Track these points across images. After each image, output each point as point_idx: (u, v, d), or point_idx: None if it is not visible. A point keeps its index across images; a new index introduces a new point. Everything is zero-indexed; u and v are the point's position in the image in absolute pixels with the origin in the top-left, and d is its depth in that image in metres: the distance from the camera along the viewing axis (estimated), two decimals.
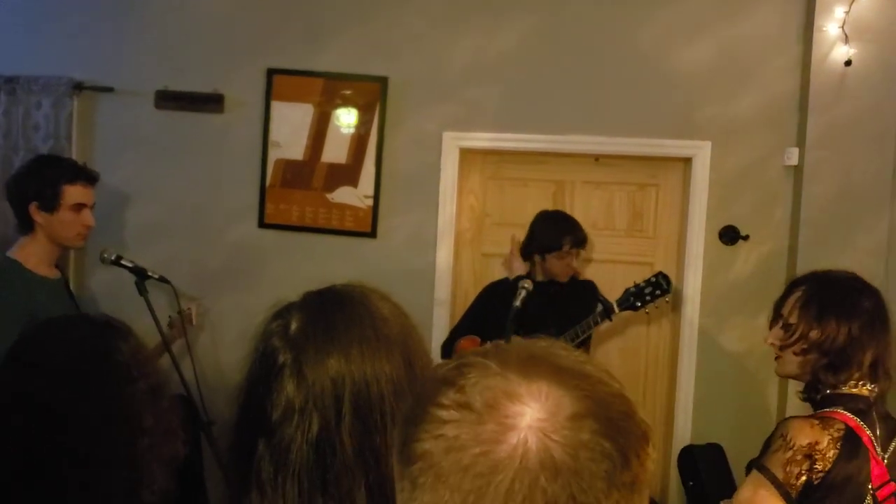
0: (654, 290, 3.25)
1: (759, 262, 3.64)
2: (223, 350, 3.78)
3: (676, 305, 3.75)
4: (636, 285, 3.27)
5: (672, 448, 3.67)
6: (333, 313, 1.12)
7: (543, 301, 3.22)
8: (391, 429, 1.03)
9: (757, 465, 1.85)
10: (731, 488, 3.08)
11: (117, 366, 1.31)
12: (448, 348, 3.44)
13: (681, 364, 3.69)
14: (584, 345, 3.25)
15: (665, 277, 3.28)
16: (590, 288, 3.52)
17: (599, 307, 3.23)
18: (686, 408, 3.69)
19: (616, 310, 3.23)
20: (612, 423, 0.70)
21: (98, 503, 1.25)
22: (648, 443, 0.72)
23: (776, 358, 2.05)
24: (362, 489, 1.03)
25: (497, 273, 3.80)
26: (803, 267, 3.42)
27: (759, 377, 3.64)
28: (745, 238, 3.63)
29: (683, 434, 3.67)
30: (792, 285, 2.08)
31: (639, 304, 3.25)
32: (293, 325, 1.11)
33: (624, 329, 3.84)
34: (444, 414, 0.70)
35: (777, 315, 2.05)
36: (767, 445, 1.87)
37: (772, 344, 2.05)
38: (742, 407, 3.64)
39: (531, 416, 0.68)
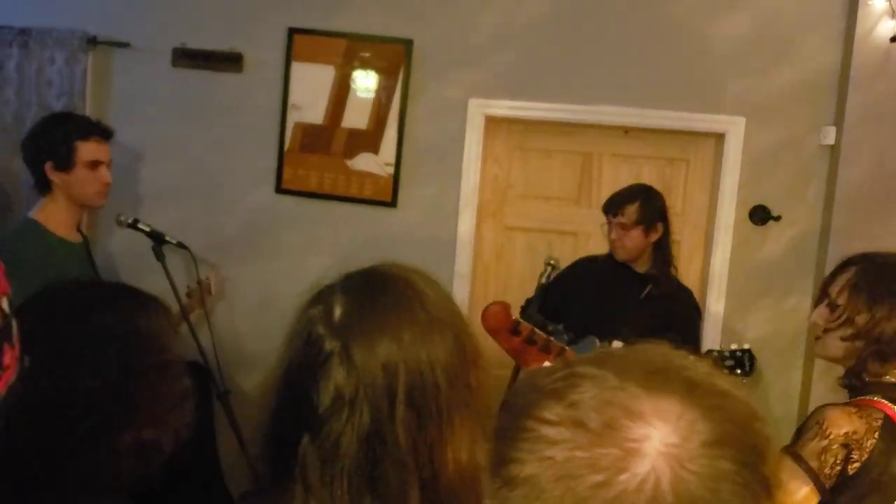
0: (735, 367, 2.90)
1: (790, 243, 3.54)
2: (239, 317, 3.71)
3: (702, 285, 3.67)
4: (719, 352, 2.95)
5: None
6: (380, 295, 1.03)
7: (624, 289, 2.94)
8: (447, 421, 0.96)
9: (791, 452, 1.78)
10: None
11: (145, 335, 1.23)
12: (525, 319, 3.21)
13: (704, 345, 3.61)
14: None
15: (751, 358, 2.92)
16: (685, 299, 3.10)
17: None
18: None
19: None
20: (755, 449, 0.60)
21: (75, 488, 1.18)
22: (774, 479, 0.62)
23: (817, 338, 1.96)
24: (416, 488, 0.95)
25: (521, 247, 3.72)
26: (835, 250, 3.35)
27: (784, 361, 3.57)
28: (777, 219, 3.53)
29: None
30: (843, 265, 1.97)
31: None
32: (337, 311, 1.02)
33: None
34: (550, 432, 0.60)
35: (824, 294, 1.96)
36: (800, 432, 1.80)
37: (815, 323, 1.96)
38: (765, 390, 3.57)
39: (660, 439, 0.58)
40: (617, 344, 2.80)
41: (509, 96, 3.62)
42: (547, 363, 2.49)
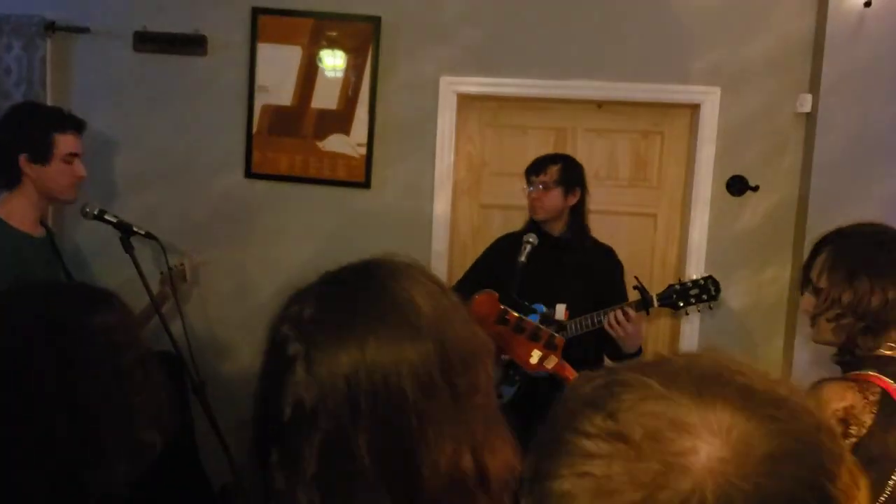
0: (701, 294, 3.01)
1: (768, 213, 3.52)
2: (212, 306, 3.64)
3: (681, 258, 3.64)
4: (681, 283, 3.04)
5: None
6: (351, 296, 0.96)
7: (550, 260, 3.02)
8: (419, 431, 0.89)
9: None
10: None
11: (69, 342, 1.18)
12: None
13: (683, 318, 3.59)
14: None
15: (715, 283, 3.03)
16: (608, 257, 3.21)
17: (638, 297, 2.98)
18: None
19: (655, 304, 2.99)
20: (821, 467, 0.54)
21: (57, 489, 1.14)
22: (859, 488, 0.57)
23: (812, 325, 1.93)
24: (387, 502, 0.89)
25: (497, 224, 3.67)
26: (814, 219, 3.33)
27: (764, 331, 3.56)
28: (754, 189, 3.50)
29: None
30: (818, 246, 1.94)
31: (681, 304, 3.03)
32: (306, 311, 0.95)
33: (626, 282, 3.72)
34: (589, 445, 0.56)
35: (806, 279, 1.93)
36: None
37: (805, 311, 1.93)
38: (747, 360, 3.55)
39: (708, 454, 0.53)
40: (560, 307, 2.92)
41: (481, 73, 3.56)
42: (536, 351, 2.46)
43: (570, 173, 3.12)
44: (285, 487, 0.91)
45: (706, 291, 3.03)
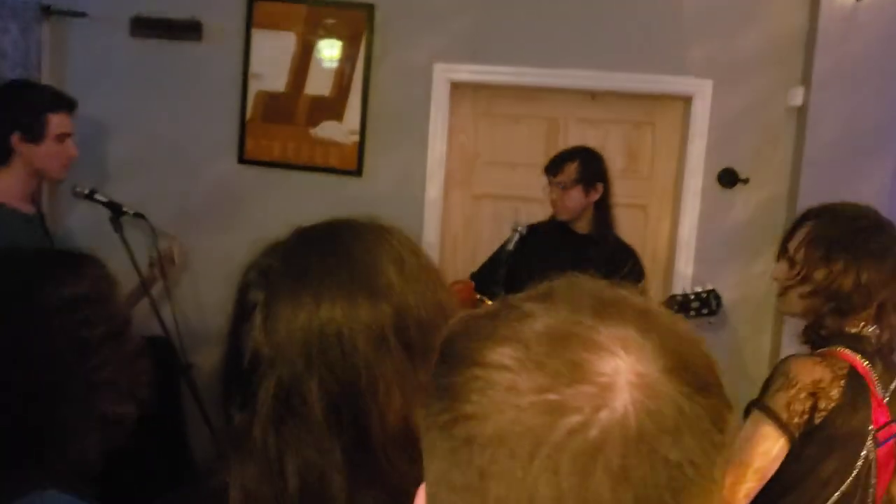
0: (701, 308, 3.02)
1: (758, 206, 3.52)
2: (202, 290, 3.65)
3: (671, 250, 3.65)
4: (684, 295, 3.04)
5: None
6: (313, 252, 0.99)
7: (568, 255, 2.95)
8: (370, 386, 0.92)
9: (758, 404, 1.76)
10: None
11: (26, 313, 1.17)
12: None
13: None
14: None
15: (717, 298, 3.04)
16: (628, 258, 3.15)
17: None
18: None
19: None
20: (709, 369, 0.58)
21: (27, 465, 1.14)
22: (729, 401, 0.60)
23: (779, 294, 1.94)
24: (337, 451, 0.91)
25: (488, 214, 3.68)
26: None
27: (753, 325, 3.56)
28: (745, 181, 3.51)
29: None
30: (802, 218, 1.94)
31: None
32: (273, 262, 0.99)
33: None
34: (507, 378, 0.55)
35: (784, 249, 1.94)
36: (767, 385, 1.78)
37: (776, 279, 1.94)
38: (735, 355, 3.57)
39: (628, 370, 0.54)
40: None
41: (474, 61, 3.57)
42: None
43: (588, 169, 3.07)
44: (243, 426, 0.94)
45: (707, 305, 3.02)
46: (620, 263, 3.09)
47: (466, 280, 2.84)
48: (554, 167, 3.08)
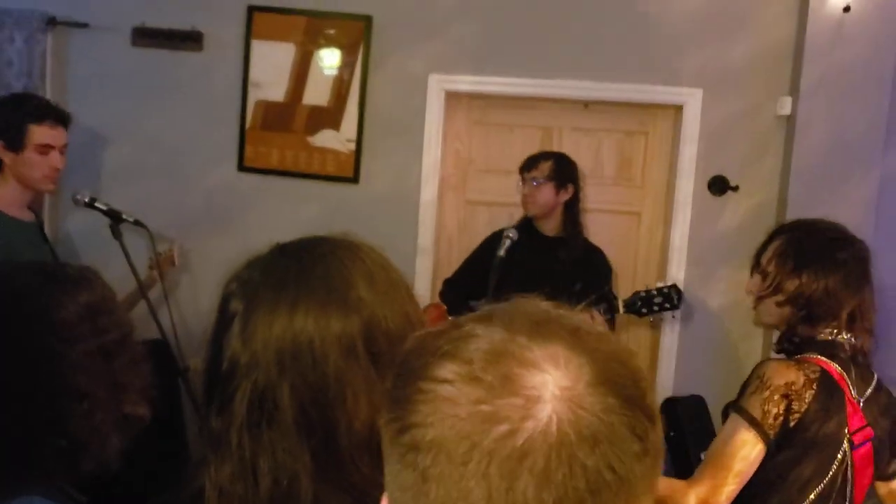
0: (664, 303, 3.14)
1: (748, 213, 3.58)
2: (201, 294, 3.72)
3: (663, 256, 3.71)
4: (647, 291, 3.15)
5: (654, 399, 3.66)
6: (290, 265, 1.05)
7: (535, 255, 3.07)
8: (339, 393, 0.98)
9: (735, 406, 1.83)
10: (711, 440, 3.06)
11: (52, 322, 1.22)
12: (448, 295, 3.38)
13: (665, 315, 3.66)
14: None
15: (678, 292, 3.16)
16: (597, 259, 3.29)
17: (604, 303, 3.08)
18: (669, 359, 3.67)
19: (621, 310, 3.10)
20: (636, 383, 0.64)
21: (20, 474, 1.18)
22: (655, 409, 0.66)
23: (754, 307, 2.02)
24: (307, 455, 0.97)
25: (483, 221, 3.74)
26: (793, 219, 3.38)
27: (744, 330, 3.61)
28: (735, 189, 3.57)
29: (666, 385, 3.65)
30: (774, 233, 2.04)
31: (644, 311, 3.14)
32: (254, 274, 1.05)
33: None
34: (449, 391, 0.62)
35: (757, 262, 2.02)
36: (744, 388, 1.85)
37: (749, 291, 2.01)
38: (725, 359, 3.62)
39: (554, 384, 0.61)
40: None
41: (469, 71, 3.64)
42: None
43: (562, 169, 3.21)
44: (221, 429, 1.00)
45: (669, 300, 3.15)
46: (590, 263, 3.24)
47: (438, 303, 2.97)
48: (529, 164, 3.24)
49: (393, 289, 1.07)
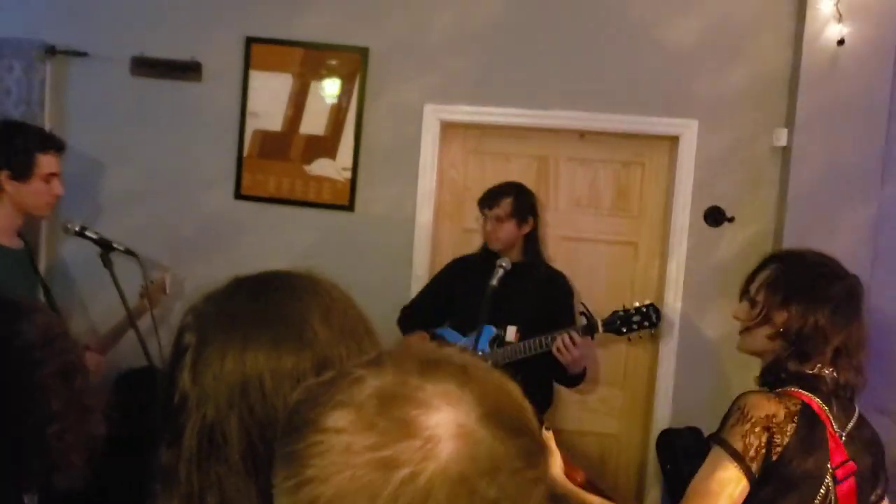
0: (643, 321, 3.15)
1: (744, 244, 3.57)
2: None
3: (660, 287, 3.69)
4: (625, 310, 3.16)
5: (651, 431, 3.63)
6: (244, 301, 1.05)
7: (503, 284, 3.05)
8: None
9: (716, 438, 1.81)
10: None
11: (15, 350, 1.23)
12: (407, 322, 3.37)
13: (662, 346, 3.64)
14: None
15: (656, 311, 3.17)
16: (560, 283, 3.35)
17: (583, 321, 3.11)
18: (666, 391, 3.64)
19: (600, 330, 3.11)
20: (522, 415, 0.66)
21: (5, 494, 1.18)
22: (541, 436, 0.68)
23: (740, 332, 2.01)
24: (253, 492, 0.95)
25: (478, 248, 3.73)
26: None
27: (740, 361, 3.52)
28: (731, 220, 3.56)
29: (663, 417, 3.62)
30: (765, 262, 2.02)
31: (624, 330, 3.15)
32: (210, 308, 1.05)
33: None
34: (343, 440, 0.61)
35: (746, 289, 2.00)
36: (725, 419, 1.83)
37: (736, 318, 2.00)
38: (722, 391, 3.57)
39: (451, 421, 0.61)
40: (511, 329, 3.09)
41: (465, 101, 3.66)
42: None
43: (522, 204, 3.26)
44: (170, 463, 0.99)
45: (647, 318, 3.16)
46: (553, 286, 3.29)
47: (421, 332, 2.96)
48: (489, 200, 3.26)
49: (350, 325, 1.06)
